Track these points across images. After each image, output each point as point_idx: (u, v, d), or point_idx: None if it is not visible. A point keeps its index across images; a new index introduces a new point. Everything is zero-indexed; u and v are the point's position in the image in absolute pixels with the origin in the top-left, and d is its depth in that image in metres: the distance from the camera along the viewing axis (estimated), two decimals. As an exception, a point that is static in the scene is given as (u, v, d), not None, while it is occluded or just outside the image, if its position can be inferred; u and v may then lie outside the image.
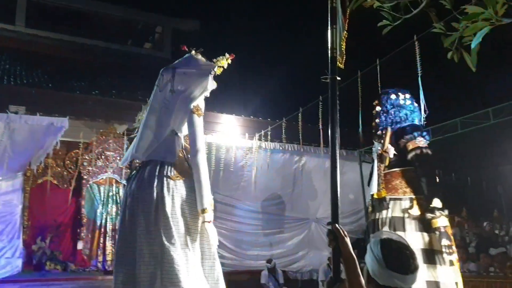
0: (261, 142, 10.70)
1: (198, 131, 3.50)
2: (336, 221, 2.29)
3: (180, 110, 3.59)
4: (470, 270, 9.05)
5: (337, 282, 2.17)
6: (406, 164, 4.76)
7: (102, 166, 10.22)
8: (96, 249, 9.83)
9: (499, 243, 10.43)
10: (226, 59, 3.84)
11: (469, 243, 10.69)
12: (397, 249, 2.00)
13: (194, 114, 3.52)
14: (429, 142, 4.82)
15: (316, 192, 11.83)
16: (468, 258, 9.53)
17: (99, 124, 10.45)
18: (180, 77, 3.64)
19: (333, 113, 2.39)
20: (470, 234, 11.56)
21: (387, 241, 2.03)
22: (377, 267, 1.97)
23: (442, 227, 4.35)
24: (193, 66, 3.75)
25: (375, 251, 2.01)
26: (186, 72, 3.68)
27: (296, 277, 11.97)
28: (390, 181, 4.80)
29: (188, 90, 3.60)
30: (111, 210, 10.10)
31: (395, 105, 5.05)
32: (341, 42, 2.44)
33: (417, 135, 4.74)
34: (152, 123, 3.64)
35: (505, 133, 10.16)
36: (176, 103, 3.59)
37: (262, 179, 10.87)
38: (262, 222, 11.93)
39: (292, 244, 12.16)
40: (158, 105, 3.67)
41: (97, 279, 9.01)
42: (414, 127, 4.85)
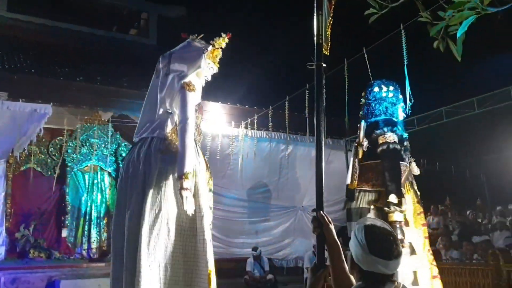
0: (247, 130, 10.69)
1: (188, 103, 3.52)
2: (321, 208, 2.30)
3: (173, 88, 3.63)
4: (452, 257, 9.18)
5: (321, 268, 2.19)
6: (377, 157, 4.80)
7: (86, 153, 10.14)
8: (81, 236, 9.79)
9: (482, 231, 10.59)
10: (223, 39, 3.84)
11: (452, 231, 10.84)
12: (380, 235, 2.01)
13: (184, 89, 3.56)
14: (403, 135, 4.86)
15: (302, 181, 11.87)
16: (451, 246, 9.66)
17: (84, 111, 10.32)
18: (176, 60, 3.69)
19: (318, 100, 2.38)
20: (453, 222, 11.73)
21: (371, 227, 2.05)
22: (361, 253, 1.99)
23: (398, 222, 4.41)
24: (189, 49, 3.78)
25: (359, 237, 2.02)
26: (181, 55, 3.73)
27: (281, 265, 12.06)
28: (363, 173, 4.88)
29: (180, 69, 3.65)
30: (96, 198, 10.04)
31: (377, 98, 5.10)
32: (326, 29, 2.42)
33: (386, 130, 4.79)
34: (147, 110, 3.71)
35: (489, 123, 10.28)
36: (168, 83, 3.64)
37: (248, 168, 10.87)
38: (248, 210, 11.97)
39: (278, 232, 12.23)
40: (154, 90, 3.73)
41: (82, 267, 8.96)
42: (387, 122, 4.89)
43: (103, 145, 10.23)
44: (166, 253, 3.31)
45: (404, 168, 4.77)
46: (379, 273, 1.95)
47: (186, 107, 3.51)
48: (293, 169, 11.92)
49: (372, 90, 5.16)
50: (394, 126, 4.84)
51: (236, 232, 11.66)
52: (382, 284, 1.94)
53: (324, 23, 2.42)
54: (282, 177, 12.01)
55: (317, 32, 2.43)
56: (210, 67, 3.84)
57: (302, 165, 11.74)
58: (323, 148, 2.37)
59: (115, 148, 10.42)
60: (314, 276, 2.17)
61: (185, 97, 3.54)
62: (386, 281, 1.96)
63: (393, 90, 5.14)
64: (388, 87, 5.14)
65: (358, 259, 2.01)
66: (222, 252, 11.21)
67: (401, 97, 5.20)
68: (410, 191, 4.76)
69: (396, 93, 5.15)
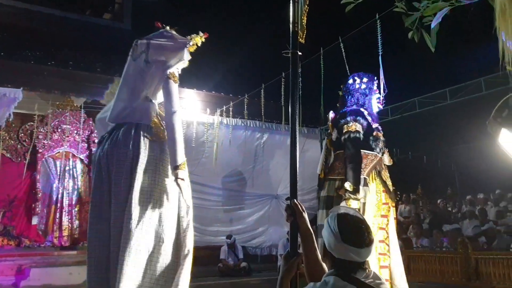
0: (222, 118, 10.65)
1: (174, 94, 3.58)
2: (294, 196, 2.31)
3: (155, 77, 3.65)
4: (423, 245, 9.39)
5: (294, 256, 2.20)
6: (343, 147, 4.87)
7: (58, 139, 9.93)
8: (52, 224, 9.62)
9: (452, 220, 10.84)
10: (200, 37, 3.87)
11: (423, 220, 11.06)
12: (353, 223, 2.03)
13: (171, 79, 3.59)
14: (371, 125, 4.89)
15: (277, 169, 11.92)
16: (421, 234, 9.87)
17: (55, 96, 10.10)
18: (155, 48, 3.69)
19: (293, 88, 2.38)
20: (424, 211, 11.97)
21: (344, 215, 2.06)
22: (333, 241, 2.00)
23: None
24: (168, 39, 3.78)
25: (332, 225, 2.04)
26: (161, 44, 3.73)
27: (255, 253, 12.14)
28: (332, 163, 4.92)
29: (163, 60, 3.66)
30: (67, 185, 9.86)
31: (350, 90, 5.15)
32: (302, 17, 2.41)
33: (349, 119, 4.83)
34: (124, 94, 3.68)
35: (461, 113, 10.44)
36: (150, 72, 3.64)
37: (223, 155, 10.85)
38: (222, 198, 11.98)
39: (252, 220, 12.28)
40: (132, 75, 3.71)
41: (53, 255, 8.83)
42: (352, 111, 4.94)
43: (75, 132, 10.04)
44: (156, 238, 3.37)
45: (373, 157, 4.81)
46: (351, 260, 1.97)
47: (173, 99, 3.56)
48: (268, 157, 11.95)
49: (347, 83, 5.22)
50: (358, 115, 4.87)
51: (211, 220, 11.66)
52: (354, 272, 1.96)
53: (300, 11, 2.41)
54: (257, 165, 12.04)
55: (292, 20, 2.42)
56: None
57: (277, 154, 11.78)
58: (297, 137, 2.37)
59: (87, 134, 10.24)
60: (287, 263, 2.18)
61: (172, 88, 3.58)
62: (357, 269, 1.98)
63: (367, 81, 5.18)
64: (362, 79, 5.18)
65: (330, 247, 2.03)
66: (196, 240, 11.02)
67: (375, 89, 5.24)
68: (375, 180, 4.77)
69: (369, 84, 5.18)
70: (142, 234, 3.28)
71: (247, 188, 12.29)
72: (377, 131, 4.98)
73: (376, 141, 4.90)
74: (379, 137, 4.95)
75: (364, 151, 4.75)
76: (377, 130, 4.98)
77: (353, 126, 4.78)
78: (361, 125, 4.80)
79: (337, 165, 4.84)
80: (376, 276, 2.00)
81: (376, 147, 4.87)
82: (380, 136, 4.99)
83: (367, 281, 1.94)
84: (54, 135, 9.91)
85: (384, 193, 4.79)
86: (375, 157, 4.81)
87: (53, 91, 9.92)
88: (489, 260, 7.68)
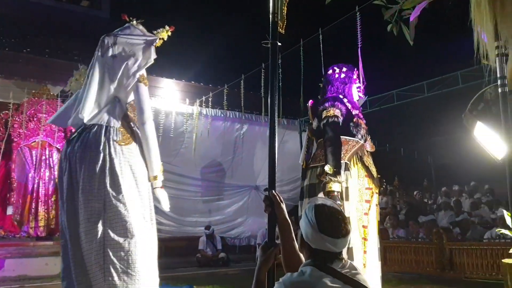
0: (202, 108, 10.59)
1: (146, 100, 3.64)
2: (273, 187, 2.31)
3: (124, 78, 3.66)
4: (399, 236, 9.52)
5: (272, 246, 2.21)
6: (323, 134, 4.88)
7: (34, 128, 9.73)
8: (28, 214, 9.45)
9: (428, 211, 11.01)
10: (166, 31, 3.94)
11: (399, 211, 11.22)
12: (330, 214, 2.04)
13: (141, 83, 3.64)
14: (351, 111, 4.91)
15: (257, 160, 11.94)
16: (398, 225, 10.01)
17: (31, 84, 9.92)
18: (122, 44, 3.72)
19: (273, 78, 2.37)
20: (401, 202, 12.13)
21: (321, 206, 2.08)
22: (311, 231, 2.02)
23: (336, 192, 4.48)
24: (136, 36, 3.82)
25: (309, 216, 2.05)
26: (129, 41, 3.76)
27: (234, 243, 12.17)
28: (314, 152, 4.93)
29: (132, 58, 3.69)
30: (43, 175, 9.69)
31: (329, 80, 5.17)
32: (282, 7, 2.40)
33: (328, 105, 4.85)
34: (93, 89, 3.65)
35: (438, 106, 10.60)
36: (119, 70, 3.65)
37: (202, 146, 10.81)
38: (201, 188, 11.96)
39: (231, 210, 12.30)
40: (100, 72, 3.70)
41: (29, 245, 8.71)
42: (330, 98, 4.95)
43: (52, 121, 9.88)
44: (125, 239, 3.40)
45: (354, 143, 4.81)
46: (328, 251, 1.98)
47: (146, 104, 3.64)
48: (248, 148, 11.96)
49: (327, 73, 5.23)
50: (336, 101, 4.88)
51: (189, 211, 11.64)
52: (330, 262, 1.98)
53: (280, 2, 2.40)
54: (236, 156, 12.04)
55: (272, 10, 2.41)
56: None
57: (256, 145, 11.79)
58: (276, 128, 2.37)
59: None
60: (265, 254, 2.19)
61: (143, 93, 3.65)
62: (334, 259, 2.00)
63: (346, 71, 5.19)
64: (341, 69, 5.19)
65: (307, 238, 2.04)
66: (174, 230, 11.18)
67: (355, 78, 5.26)
68: (357, 165, 4.75)
69: (348, 73, 5.20)
70: (111, 235, 3.33)
71: (226, 178, 12.29)
72: (358, 118, 4.99)
73: (357, 127, 4.89)
74: (360, 124, 4.95)
75: (345, 137, 4.74)
76: (357, 117, 4.99)
77: (331, 111, 4.78)
78: (339, 110, 4.80)
79: (318, 153, 4.84)
80: (353, 266, 2.02)
81: (358, 134, 4.85)
82: (362, 123, 5.00)
83: (343, 271, 1.96)
84: (30, 124, 9.71)
85: (367, 178, 4.78)
86: (356, 143, 4.80)
87: (29, 79, 9.75)
88: (463, 251, 7.85)
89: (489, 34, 2.86)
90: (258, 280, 2.14)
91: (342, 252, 2.05)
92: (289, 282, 1.95)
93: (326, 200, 2.21)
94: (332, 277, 1.91)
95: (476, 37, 3.06)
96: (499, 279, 6.47)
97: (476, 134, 3.78)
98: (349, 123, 4.86)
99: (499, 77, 2.76)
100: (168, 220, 11.07)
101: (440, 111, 10.88)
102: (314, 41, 7.41)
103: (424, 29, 4.09)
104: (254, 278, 2.15)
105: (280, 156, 2.41)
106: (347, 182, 4.59)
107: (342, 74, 5.14)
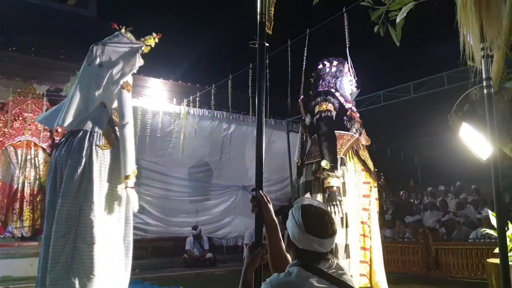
0: (189, 108, 10.54)
1: (127, 106, 3.82)
2: (260, 187, 2.30)
3: (109, 84, 3.83)
4: (385, 235, 9.58)
5: (258, 246, 2.21)
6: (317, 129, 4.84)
7: (19, 128, 9.61)
8: (12, 214, 9.35)
9: (414, 211, 11.10)
10: (153, 38, 4.10)
11: (386, 211, 11.29)
12: (316, 214, 2.05)
13: (124, 89, 3.83)
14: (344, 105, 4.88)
15: (244, 160, 11.92)
16: (384, 225, 10.07)
17: (17, 83, 9.79)
18: (109, 53, 3.89)
19: (260, 78, 2.37)
20: (387, 202, 12.21)
21: (308, 206, 2.08)
22: (297, 232, 2.02)
23: (335, 187, 4.42)
24: (122, 44, 3.98)
25: (296, 216, 2.05)
26: (116, 49, 3.93)
27: (221, 243, 12.14)
28: (309, 148, 4.89)
29: (117, 66, 3.86)
30: (29, 175, 9.58)
31: (320, 75, 5.12)
32: (270, 8, 2.40)
33: (320, 100, 4.81)
34: (80, 96, 3.83)
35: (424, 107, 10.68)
36: (105, 78, 3.82)
37: (190, 146, 10.76)
38: (188, 189, 11.92)
39: (219, 211, 12.28)
40: (87, 80, 3.88)
41: (13, 246, 8.62)
42: (321, 92, 4.91)
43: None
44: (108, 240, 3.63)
45: (349, 137, 4.76)
46: (314, 251, 1.99)
47: (127, 109, 3.81)
48: (235, 148, 11.93)
49: (317, 68, 5.18)
50: (328, 95, 4.84)
51: (176, 211, 11.60)
52: (317, 262, 1.98)
53: (268, 2, 2.40)
54: (224, 156, 12.01)
55: (260, 11, 2.41)
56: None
57: (244, 144, 11.77)
58: (263, 128, 2.37)
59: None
60: (251, 254, 2.19)
61: (125, 99, 3.82)
62: (320, 259, 2.00)
63: (337, 64, 5.15)
64: (332, 62, 5.16)
65: (294, 238, 2.04)
66: (161, 231, 11.13)
67: (346, 71, 5.22)
68: (353, 159, 4.69)
69: (339, 66, 5.15)
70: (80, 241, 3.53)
71: (214, 178, 12.27)
72: (351, 111, 4.95)
73: (351, 121, 4.84)
74: (354, 117, 4.91)
75: (339, 131, 4.71)
76: (351, 110, 4.95)
77: (323, 105, 4.74)
78: (332, 104, 4.76)
79: (313, 149, 4.79)
80: (339, 266, 2.02)
81: (352, 127, 4.81)
82: (356, 116, 4.96)
83: (330, 271, 1.96)
84: (15, 123, 9.60)
85: (364, 172, 4.73)
86: (351, 137, 4.76)
87: (14, 78, 9.63)
88: (448, 250, 7.93)
89: (475, 36, 2.89)
90: (245, 280, 2.14)
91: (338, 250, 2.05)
92: (275, 282, 1.95)
93: (313, 200, 2.21)
94: (318, 277, 1.92)
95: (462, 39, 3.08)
96: (484, 279, 6.54)
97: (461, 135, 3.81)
98: (342, 117, 4.81)
99: (485, 79, 2.79)
100: (155, 220, 11.03)
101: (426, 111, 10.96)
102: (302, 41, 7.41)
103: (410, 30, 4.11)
104: (241, 278, 2.15)
105: (267, 156, 2.41)
106: (344, 177, 4.53)
107: (333, 67, 5.09)
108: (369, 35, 4.46)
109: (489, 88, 2.77)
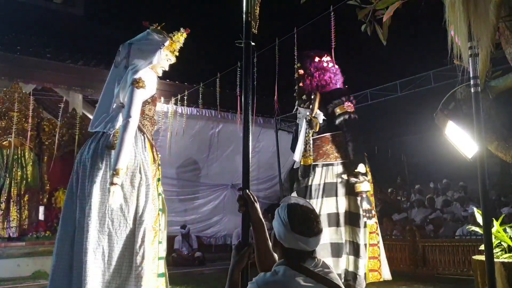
0: (177, 107, 10.50)
1: (134, 102, 3.65)
2: (247, 187, 2.30)
3: (126, 82, 3.76)
4: (373, 233, 9.63)
5: (245, 246, 2.21)
6: (335, 129, 4.80)
7: (5, 127, 9.51)
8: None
9: (402, 208, 11.17)
10: (181, 34, 4.10)
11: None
12: (302, 213, 2.05)
13: (133, 86, 3.68)
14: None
15: (232, 158, 11.91)
16: (372, 222, 10.12)
17: (2, 82, 9.68)
18: (135, 53, 3.83)
19: (246, 78, 2.37)
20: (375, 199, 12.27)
21: (294, 205, 2.09)
22: (283, 231, 2.02)
23: (364, 192, 4.48)
24: (148, 41, 3.93)
25: (282, 215, 2.06)
26: (141, 48, 3.86)
27: (210, 242, 12.13)
28: (320, 147, 4.82)
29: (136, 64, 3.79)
30: (15, 175, 9.48)
31: (319, 68, 5.07)
32: (255, 7, 2.40)
33: (345, 100, 4.81)
34: (106, 99, 3.85)
35: (411, 105, 10.74)
36: (124, 76, 3.80)
37: (178, 145, 10.72)
38: (176, 187, 11.87)
39: (207, 209, 12.26)
40: (113, 81, 3.85)
41: (0, 246, 8.53)
42: (341, 92, 4.91)
43: (24, 119, 9.63)
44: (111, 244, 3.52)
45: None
46: (300, 250, 2.00)
47: (131, 105, 3.65)
48: (223, 146, 11.91)
49: (313, 61, 5.12)
50: (349, 96, 4.86)
51: (164, 210, 11.54)
52: (303, 261, 1.99)
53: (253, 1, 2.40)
54: (211, 154, 11.99)
55: (246, 10, 2.40)
56: (168, 58, 4.10)
57: (232, 143, 11.75)
58: (250, 126, 2.36)
59: (37, 122, 9.84)
60: (238, 254, 2.19)
61: (133, 95, 3.67)
62: (306, 258, 2.01)
63: (329, 60, 5.18)
64: (326, 57, 5.16)
65: (280, 237, 2.05)
66: (149, 230, 11.07)
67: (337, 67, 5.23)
68: None
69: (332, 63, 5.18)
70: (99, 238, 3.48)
71: (202, 177, 12.24)
72: None
73: None
74: None
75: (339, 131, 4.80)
76: None
77: (350, 106, 4.76)
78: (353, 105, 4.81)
79: (329, 149, 4.76)
80: (325, 264, 2.03)
81: None
82: None
83: (316, 269, 1.97)
84: (1, 123, 9.49)
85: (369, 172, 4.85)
86: None
87: (0, 77, 9.52)
88: (435, 247, 8.00)
89: (463, 35, 2.91)
90: (231, 280, 2.13)
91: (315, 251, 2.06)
92: (262, 282, 1.96)
93: (299, 199, 2.21)
94: (305, 276, 1.92)
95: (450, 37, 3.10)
96: (470, 275, 6.61)
97: (447, 133, 3.85)
98: None
99: (472, 77, 2.79)
100: (143, 219, 10.97)
101: (413, 110, 11.03)
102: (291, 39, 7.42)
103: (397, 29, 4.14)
104: (227, 278, 2.14)
105: (256, 155, 2.42)
106: None
107: (330, 63, 5.11)
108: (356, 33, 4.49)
109: (476, 87, 2.78)
